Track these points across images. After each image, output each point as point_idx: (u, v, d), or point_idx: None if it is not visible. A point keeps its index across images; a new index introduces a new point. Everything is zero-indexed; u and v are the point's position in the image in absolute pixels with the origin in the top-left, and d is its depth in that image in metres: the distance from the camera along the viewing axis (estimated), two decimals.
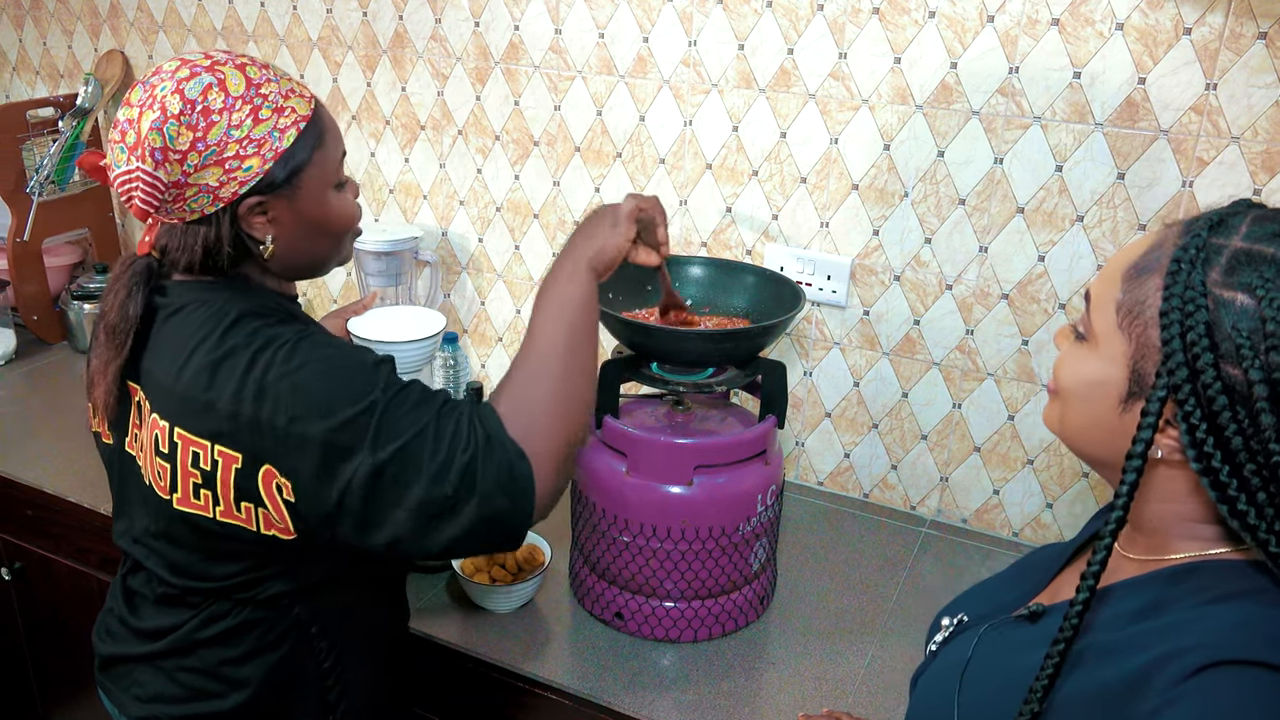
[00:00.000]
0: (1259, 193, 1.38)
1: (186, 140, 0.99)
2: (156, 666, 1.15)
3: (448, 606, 1.46)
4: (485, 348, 2.08)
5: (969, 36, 1.48)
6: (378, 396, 0.97)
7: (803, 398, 1.78)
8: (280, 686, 1.13)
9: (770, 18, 1.60)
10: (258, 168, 1.01)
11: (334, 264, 1.18)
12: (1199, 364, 0.68)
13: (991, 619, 0.88)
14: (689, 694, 1.31)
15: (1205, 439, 0.68)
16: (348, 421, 0.96)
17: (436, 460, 0.95)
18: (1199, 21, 1.35)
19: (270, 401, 0.97)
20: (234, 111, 1.00)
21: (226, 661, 1.11)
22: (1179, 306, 0.69)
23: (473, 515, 0.96)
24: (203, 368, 1.01)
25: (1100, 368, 0.75)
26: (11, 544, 1.88)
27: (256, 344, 1.00)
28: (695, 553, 1.35)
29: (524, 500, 0.97)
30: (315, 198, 1.07)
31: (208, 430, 1.00)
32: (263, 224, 1.06)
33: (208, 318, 1.03)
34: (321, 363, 0.99)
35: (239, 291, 1.08)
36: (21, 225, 2.17)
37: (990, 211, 1.55)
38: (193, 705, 1.13)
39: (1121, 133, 1.43)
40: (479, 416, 0.98)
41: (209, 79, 1.00)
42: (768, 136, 1.66)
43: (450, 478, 0.95)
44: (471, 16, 1.84)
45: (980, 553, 1.65)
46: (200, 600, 1.11)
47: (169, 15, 2.19)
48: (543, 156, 1.87)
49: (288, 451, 0.97)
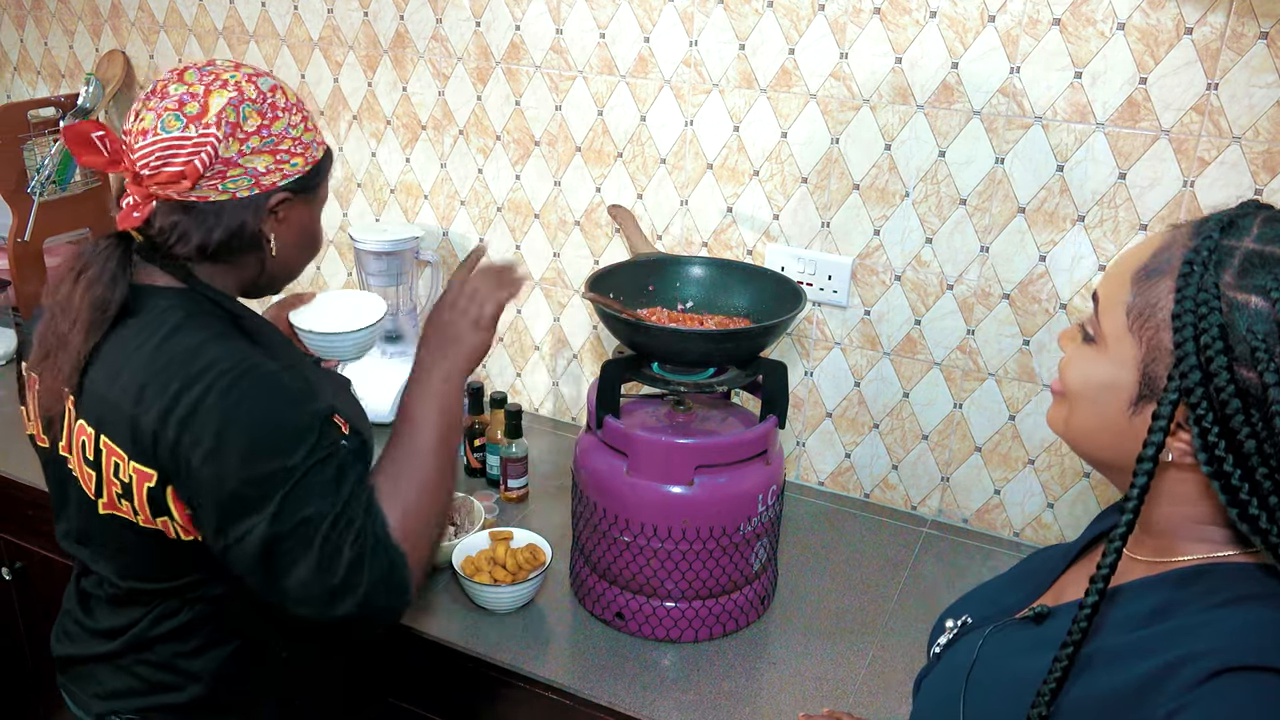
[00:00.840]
0: (1260, 193, 1.38)
1: (254, 124, 1.05)
2: (115, 665, 1.16)
3: (448, 606, 1.46)
4: None
5: (970, 36, 1.48)
6: (298, 464, 1.00)
7: (804, 398, 1.78)
8: (237, 678, 1.14)
9: (771, 18, 1.60)
10: (301, 166, 1.10)
11: (287, 282, 1.21)
12: (1213, 367, 0.67)
13: (996, 620, 0.88)
14: (690, 694, 1.31)
15: (1218, 442, 0.68)
16: (260, 480, 0.98)
17: (327, 550, 0.99)
18: (1200, 21, 1.34)
19: (193, 432, 0.98)
20: (293, 114, 1.09)
21: (181, 655, 1.13)
22: (1192, 309, 0.68)
23: (350, 608, 1.00)
24: (134, 381, 1.01)
25: (1110, 370, 0.75)
26: (12, 544, 1.88)
27: (197, 366, 1.00)
28: (696, 553, 1.35)
29: (401, 598, 1.04)
30: (314, 212, 1.16)
31: (128, 445, 1.02)
32: (273, 223, 1.10)
33: (149, 325, 1.04)
34: (256, 411, 1.00)
35: (189, 298, 1.07)
36: (22, 225, 2.17)
37: (991, 211, 1.55)
38: (151, 698, 1.15)
39: (1123, 132, 1.43)
40: (372, 517, 1.03)
41: (274, 82, 1.09)
42: (769, 136, 1.66)
43: (338, 570, 0.99)
44: (472, 16, 1.84)
45: (981, 553, 1.65)
46: (150, 599, 1.12)
47: (170, 15, 2.19)
48: (544, 156, 1.87)
49: (192, 484, 1.00)
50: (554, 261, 1.93)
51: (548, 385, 2.03)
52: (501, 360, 2.07)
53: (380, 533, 1.03)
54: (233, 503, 0.98)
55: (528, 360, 2.04)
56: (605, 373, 1.37)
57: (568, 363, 1.99)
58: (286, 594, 1.00)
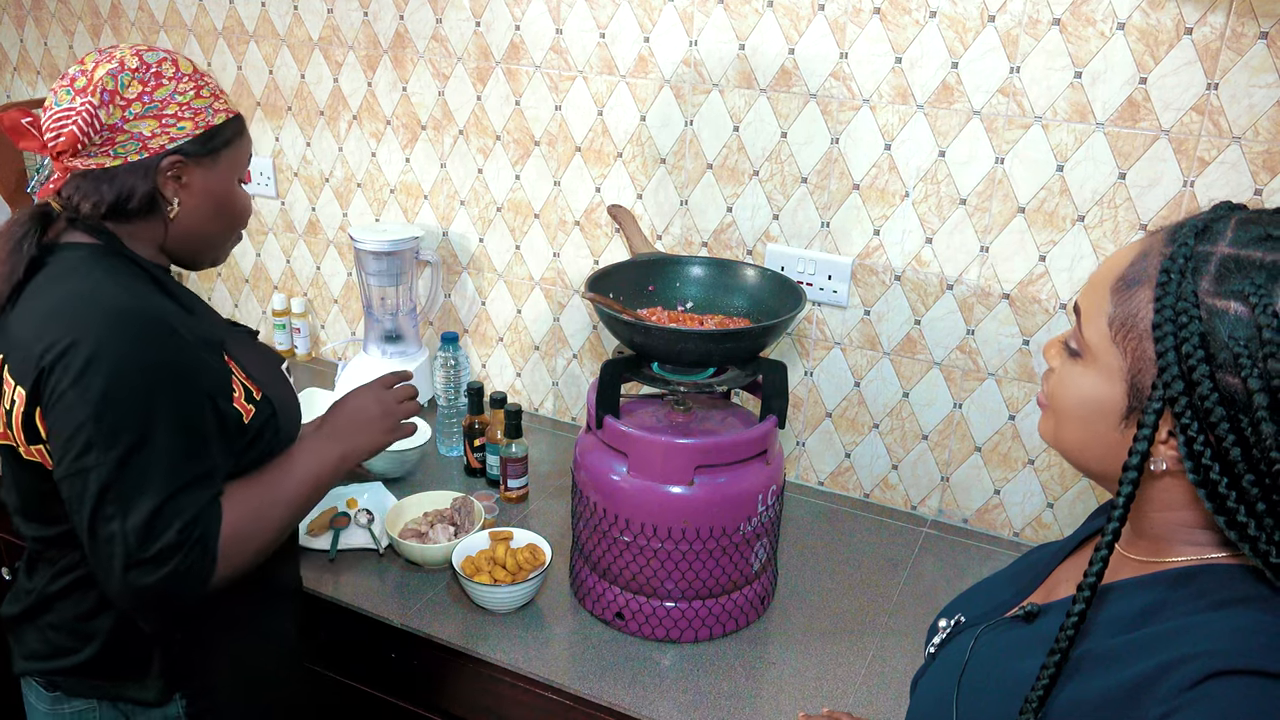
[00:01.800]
0: (1260, 193, 1.38)
1: (135, 91, 1.10)
2: (34, 624, 1.20)
3: (448, 606, 1.46)
4: (486, 348, 2.08)
5: (970, 36, 1.48)
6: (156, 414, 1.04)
7: (803, 397, 1.78)
8: (126, 640, 1.16)
9: (771, 17, 1.60)
10: (189, 130, 1.13)
11: (213, 257, 1.25)
12: (1195, 375, 0.67)
13: (988, 619, 0.88)
14: (689, 694, 1.31)
15: (1203, 451, 0.68)
16: (112, 421, 1.02)
17: (153, 524, 1.02)
18: (1200, 21, 1.34)
19: (66, 360, 1.02)
20: (181, 82, 1.13)
21: (78, 617, 1.16)
22: (1171, 319, 0.68)
23: (147, 583, 1.03)
24: (36, 316, 1.07)
25: (1097, 385, 0.74)
26: (12, 543, 1.88)
27: (88, 302, 1.05)
28: (696, 553, 1.35)
29: (196, 591, 1.07)
30: (225, 179, 1.19)
31: (18, 369, 1.07)
32: (175, 187, 1.14)
33: (67, 269, 1.10)
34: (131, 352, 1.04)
35: (109, 252, 1.13)
36: None
37: (991, 211, 1.55)
38: (52, 661, 1.18)
39: (1123, 133, 1.43)
40: (209, 514, 1.07)
41: (164, 56, 1.14)
42: (769, 136, 1.66)
43: (150, 547, 1.03)
44: (472, 16, 1.84)
45: (981, 553, 1.65)
46: (54, 554, 1.15)
47: (170, 15, 2.19)
48: (543, 156, 1.87)
49: (53, 407, 1.04)
50: (554, 261, 1.93)
51: (548, 385, 2.03)
52: (501, 360, 2.07)
53: (209, 535, 1.06)
54: (78, 434, 1.02)
55: (528, 360, 2.04)
56: (605, 373, 1.37)
57: (568, 363, 1.99)
58: (96, 541, 1.03)
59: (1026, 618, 0.83)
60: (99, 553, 1.04)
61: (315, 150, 2.12)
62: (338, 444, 1.23)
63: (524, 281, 1.98)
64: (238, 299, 2.37)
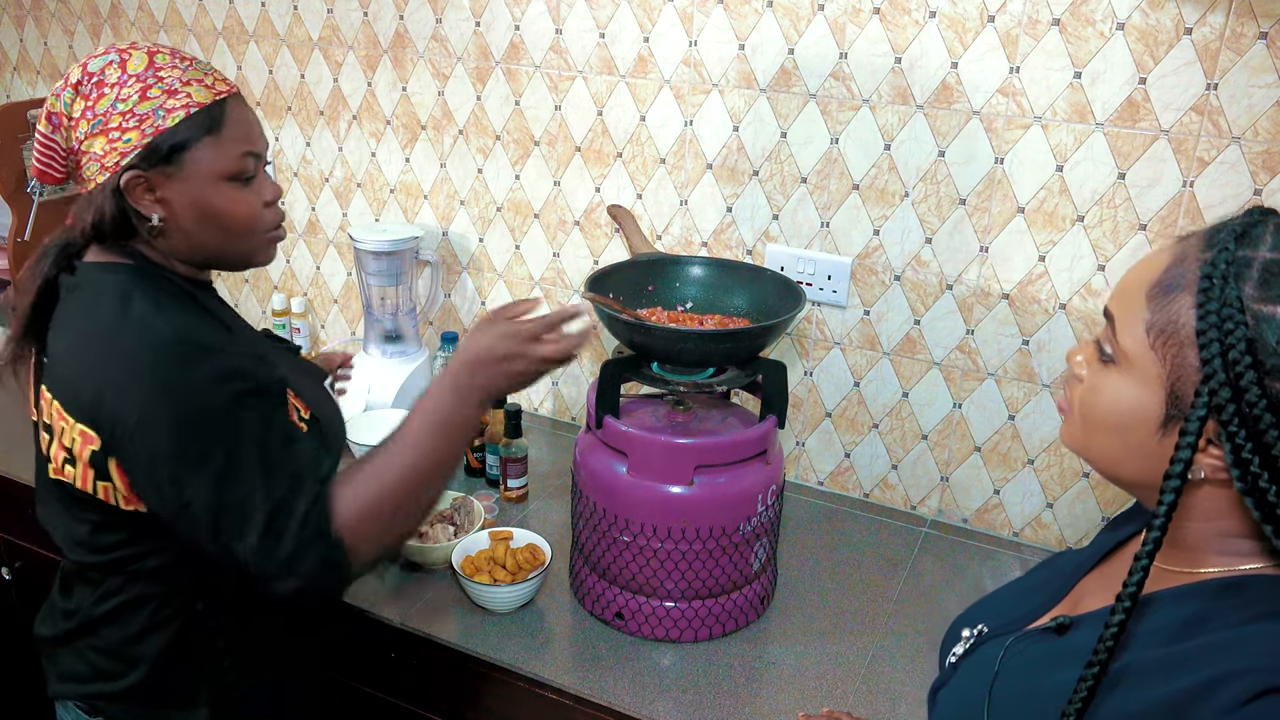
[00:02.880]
0: (1259, 193, 1.38)
1: (79, 109, 1.05)
2: (72, 646, 1.18)
3: (448, 606, 1.46)
4: None
5: (970, 36, 1.48)
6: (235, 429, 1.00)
7: (803, 397, 1.78)
8: (173, 666, 1.14)
9: (771, 18, 1.60)
10: (136, 140, 1.04)
11: (238, 262, 1.17)
12: (1243, 382, 0.66)
13: (1013, 630, 0.87)
14: (689, 694, 1.31)
15: (1251, 458, 0.67)
16: (200, 447, 0.99)
17: (274, 530, 0.98)
18: (1200, 21, 1.34)
19: (129, 397, 0.99)
20: (124, 87, 1.04)
21: (125, 641, 1.14)
22: (1216, 324, 0.67)
23: (289, 588, 1.00)
24: (80, 349, 1.04)
25: (1135, 392, 0.73)
26: (12, 543, 1.88)
27: (135, 332, 1.02)
28: (696, 553, 1.35)
29: (333, 589, 1.04)
30: (204, 184, 1.07)
31: (74, 409, 1.04)
32: (150, 201, 1.07)
33: (97, 297, 1.06)
34: (194, 376, 1.00)
35: (138, 274, 1.09)
36: (22, 225, 2.16)
37: (991, 211, 1.55)
38: (94, 685, 1.16)
39: (1122, 133, 1.43)
40: (320, 504, 1.00)
41: (114, 57, 1.05)
42: (768, 136, 1.66)
43: (277, 553, 0.98)
44: (472, 16, 1.84)
45: (981, 553, 1.65)
46: (97, 576, 1.13)
47: (170, 15, 2.19)
48: (543, 156, 1.87)
49: (129, 450, 1.01)
50: (553, 261, 1.94)
51: (547, 385, 2.03)
52: None
53: (324, 525, 1.00)
54: (161, 473, 0.99)
55: None
56: (605, 373, 1.37)
57: None
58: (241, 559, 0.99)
59: (1058, 629, 0.81)
60: (241, 571, 1.00)
61: (315, 150, 2.12)
62: (459, 396, 1.07)
63: (524, 281, 1.98)
64: (237, 299, 2.37)
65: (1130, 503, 0.92)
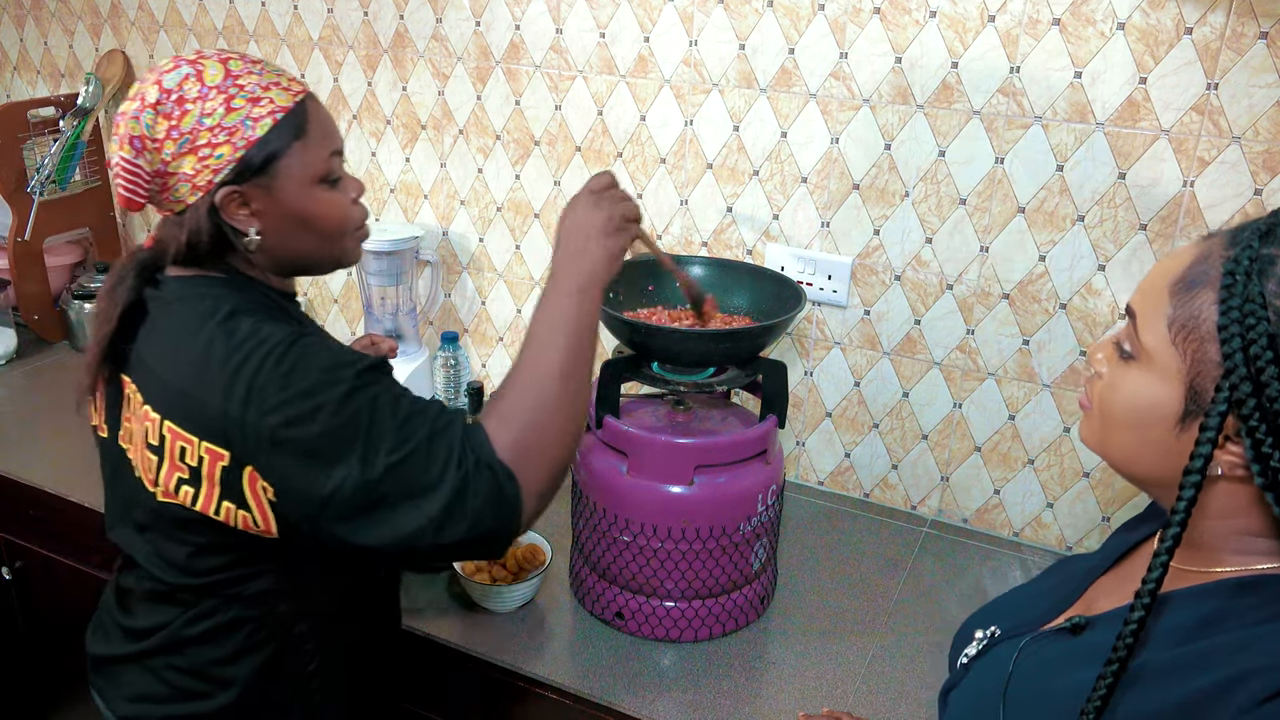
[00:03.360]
0: (1260, 193, 1.38)
1: (163, 129, 1.00)
2: (145, 666, 1.15)
3: (448, 606, 1.46)
4: (486, 347, 2.08)
5: (970, 36, 1.48)
6: (362, 405, 0.97)
7: (803, 397, 1.78)
8: (265, 688, 1.13)
9: (771, 17, 1.60)
10: (229, 155, 1.01)
11: (331, 264, 1.16)
12: (1264, 377, 0.66)
13: (1027, 632, 0.86)
14: (689, 694, 1.31)
15: (1271, 453, 0.67)
16: (335, 431, 0.96)
17: (426, 481, 0.96)
18: (1200, 21, 1.34)
19: (258, 404, 0.97)
20: (207, 100, 1.00)
21: (215, 662, 1.11)
22: (1239, 320, 0.67)
23: (460, 533, 0.97)
24: (195, 363, 1.01)
25: (1154, 388, 0.73)
26: (12, 543, 1.88)
27: (250, 343, 1.00)
28: (696, 552, 1.35)
29: (511, 520, 0.99)
30: (298, 191, 1.06)
31: (196, 426, 1.01)
32: (245, 215, 1.05)
33: (202, 311, 1.03)
34: (311, 369, 0.99)
35: (234, 287, 1.08)
36: (23, 225, 2.17)
37: (991, 211, 1.55)
38: (178, 705, 1.13)
39: (1122, 132, 1.43)
40: (470, 438, 0.99)
41: (188, 70, 1.01)
42: (769, 136, 1.66)
43: (439, 498, 0.96)
44: (472, 16, 1.84)
45: (981, 553, 1.65)
46: (189, 598, 1.11)
47: (170, 15, 2.19)
48: (543, 156, 1.87)
49: (272, 455, 0.98)
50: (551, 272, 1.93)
51: None
52: (502, 360, 2.07)
53: (483, 452, 0.98)
54: (314, 460, 0.96)
55: None
56: (605, 372, 1.37)
57: None
58: (407, 527, 0.96)
59: (1073, 630, 0.81)
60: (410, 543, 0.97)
61: None
62: (573, 278, 1.08)
63: (524, 281, 1.98)
64: None
65: (1133, 506, 0.91)
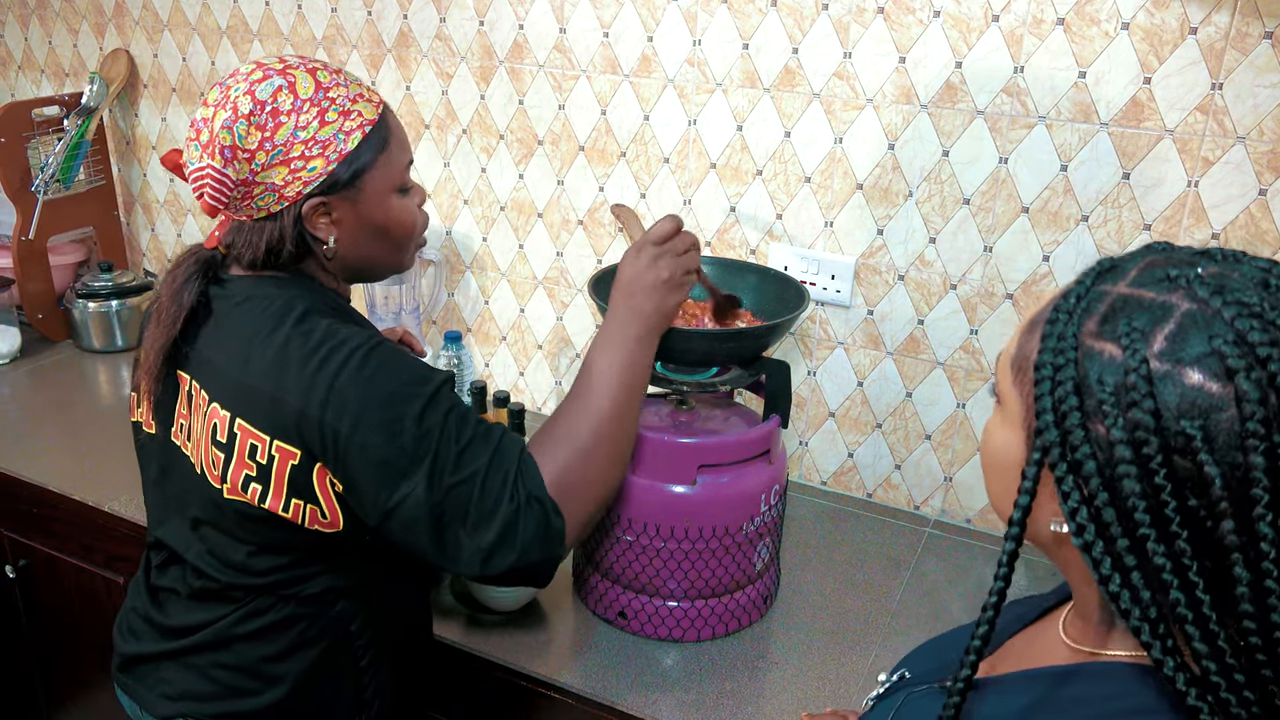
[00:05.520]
0: (1264, 193, 1.37)
1: (255, 140, 1.01)
2: (186, 664, 1.14)
3: (451, 606, 1.46)
4: (489, 347, 2.08)
5: (974, 36, 1.48)
6: (438, 425, 1.01)
7: (806, 397, 1.78)
8: (316, 684, 1.13)
9: (775, 17, 1.60)
10: (321, 168, 1.04)
11: (393, 270, 1.19)
12: (1066, 424, 0.60)
13: (927, 681, 0.81)
14: (692, 693, 1.31)
15: (1079, 508, 0.60)
16: (409, 445, 1.00)
17: (483, 509, 1.01)
18: (1205, 21, 1.34)
19: (336, 406, 0.99)
20: (301, 113, 1.02)
21: (266, 658, 1.11)
22: (1050, 360, 0.62)
23: (508, 564, 1.02)
24: (271, 362, 1.02)
25: (1005, 433, 0.68)
26: (16, 541, 1.88)
27: (329, 344, 1.01)
28: (699, 552, 1.35)
29: (555, 552, 1.05)
30: (378, 201, 1.09)
31: (269, 425, 1.02)
32: (326, 224, 1.08)
33: (276, 310, 1.05)
34: (392, 379, 1.01)
35: (303, 288, 1.09)
36: (26, 224, 2.17)
37: (995, 211, 1.55)
38: (226, 703, 1.13)
39: (1126, 132, 1.43)
40: (524, 471, 1.04)
41: (280, 81, 1.03)
42: (772, 136, 1.66)
43: (493, 528, 1.01)
44: (476, 16, 1.84)
45: (984, 553, 1.65)
46: (242, 595, 1.11)
47: (174, 14, 2.19)
48: (547, 156, 1.88)
49: (345, 458, 1.00)
50: (557, 261, 1.94)
51: (550, 384, 2.03)
52: (504, 359, 2.07)
53: (534, 487, 1.03)
54: (385, 470, 1.00)
55: (530, 359, 2.04)
56: None
57: (571, 362, 1.99)
58: (459, 551, 1.01)
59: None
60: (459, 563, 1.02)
61: None
62: (633, 325, 1.13)
63: (527, 281, 1.99)
64: None
65: None
